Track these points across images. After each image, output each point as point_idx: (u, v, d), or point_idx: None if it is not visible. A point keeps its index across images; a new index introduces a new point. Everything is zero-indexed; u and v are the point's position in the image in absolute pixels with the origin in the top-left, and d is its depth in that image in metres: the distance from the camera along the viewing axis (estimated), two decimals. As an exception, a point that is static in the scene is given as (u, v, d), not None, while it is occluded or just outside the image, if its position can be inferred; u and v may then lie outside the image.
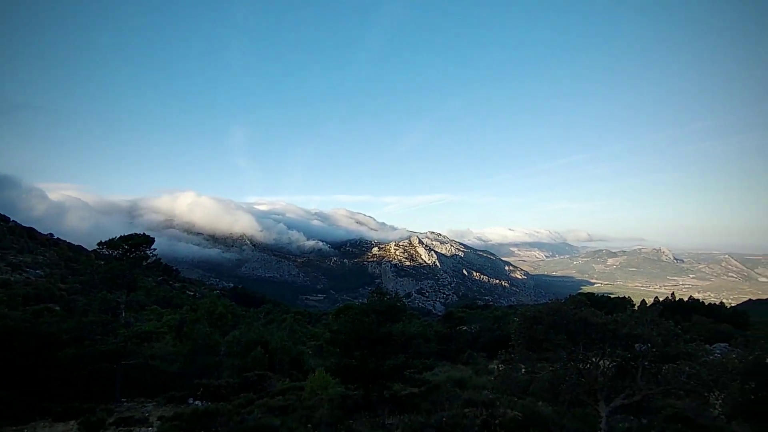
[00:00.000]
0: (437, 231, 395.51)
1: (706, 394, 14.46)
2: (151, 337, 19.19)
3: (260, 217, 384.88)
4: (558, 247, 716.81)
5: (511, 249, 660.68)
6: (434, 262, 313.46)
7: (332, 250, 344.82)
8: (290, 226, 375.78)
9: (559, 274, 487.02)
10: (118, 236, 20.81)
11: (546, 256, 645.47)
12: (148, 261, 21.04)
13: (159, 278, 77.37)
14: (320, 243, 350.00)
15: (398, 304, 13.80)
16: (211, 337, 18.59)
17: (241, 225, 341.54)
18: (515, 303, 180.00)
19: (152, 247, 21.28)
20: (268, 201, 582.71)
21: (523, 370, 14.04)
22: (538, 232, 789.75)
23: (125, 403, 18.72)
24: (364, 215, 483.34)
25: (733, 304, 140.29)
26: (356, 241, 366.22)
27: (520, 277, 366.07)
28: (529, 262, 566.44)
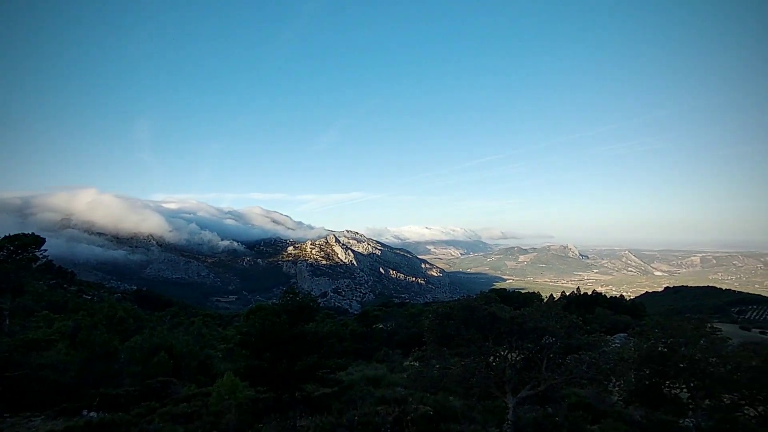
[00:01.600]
0: (354, 230, 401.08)
1: (605, 382, 15.80)
2: (40, 345, 17.75)
3: (170, 216, 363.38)
4: (473, 245, 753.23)
5: (428, 247, 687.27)
6: (351, 260, 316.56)
7: (246, 249, 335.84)
8: (203, 225, 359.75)
9: (473, 271, 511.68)
10: (2, 237, 19.05)
11: (461, 254, 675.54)
12: (38, 263, 19.45)
13: (51, 281, 71.27)
14: (235, 243, 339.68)
15: (311, 303, 13.79)
16: (109, 343, 17.47)
17: (149, 225, 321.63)
18: (431, 300, 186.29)
19: (43, 248, 19.68)
20: (177, 199, 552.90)
21: (437, 366, 14.57)
22: (454, 231, 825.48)
23: (8, 419, 17.19)
24: (281, 214, 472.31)
25: (632, 297, 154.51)
26: (271, 240, 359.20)
27: (436, 274, 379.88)
28: (445, 260, 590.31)
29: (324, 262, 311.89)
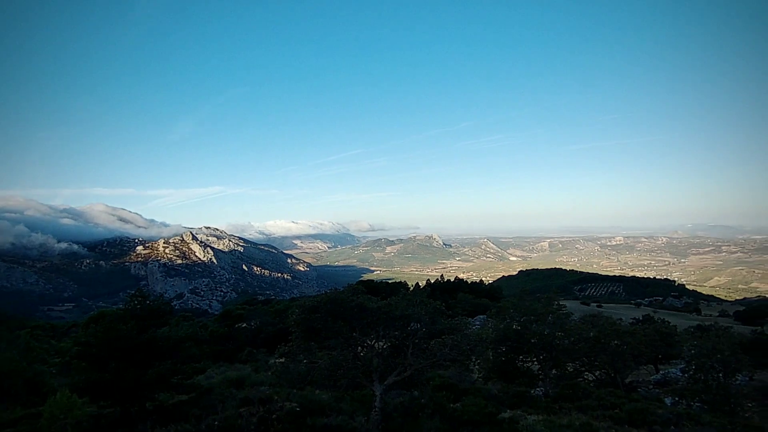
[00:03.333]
0: (215, 226, 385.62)
1: (466, 362, 17.17)
2: None
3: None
4: (341, 238, 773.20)
5: (294, 242, 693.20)
6: (210, 258, 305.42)
7: (86, 251, 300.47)
8: (33, 226, 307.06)
9: (341, 263, 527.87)
10: None
11: (329, 247, 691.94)
12: None
13: None
14: (75, 246, 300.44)
15: (163, 306, 12.96)
16: None
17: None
18: (298, 295, 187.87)
19: None
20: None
21: (305, 360, 14.63)
22: (321, 224, 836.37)
23: None
24: (129, 211, 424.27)
25: (490, 281, 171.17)
26: (116, 240, 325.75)
27: (303, 269, 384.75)
28: (312, 254, 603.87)
29: (180, 261, 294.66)
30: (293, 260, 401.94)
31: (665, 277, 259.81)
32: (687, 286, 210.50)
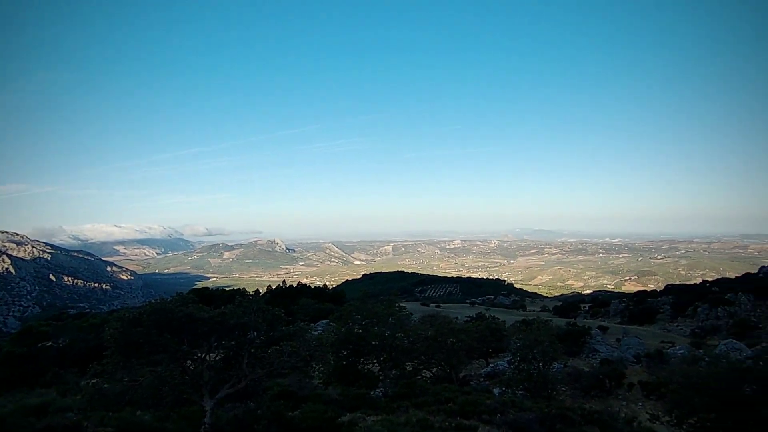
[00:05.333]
0: (14, 230, 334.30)
1: (306, 368, 17.40)
2: None
3: None
4: (172, 243, 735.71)
5: (117, 248, 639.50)
6: (6, 268, 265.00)
7: None
8: None
9: (172, 271, 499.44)
10: None
11: (158, 254, 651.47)
12: None
13: None
14: None
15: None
16: None
17: None
18: (119, 307, 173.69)
19: None
20: None
21: (125, 379, 13.56)
22: (150, 228, 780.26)
23: None
24: None
25: (334, 285, 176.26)
26: None
27: (126, 278, 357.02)
28: (138, 261, 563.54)
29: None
30: (115, 268, 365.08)
31: (497, 277, 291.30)
32: (515, 285, 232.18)
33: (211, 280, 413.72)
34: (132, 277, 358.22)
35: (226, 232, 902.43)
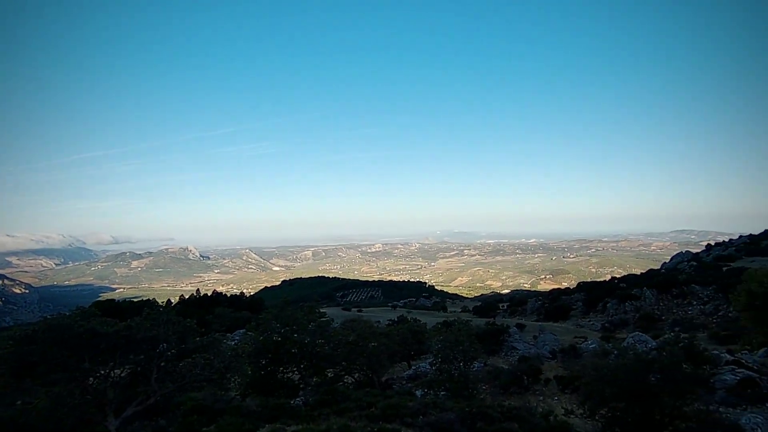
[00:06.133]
0: None
1: (222, 380, 17.06)
2: None
3: None
4: (73, 253, 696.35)
5: (9, 259, 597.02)
6: None
7: None
8: None
9: (74, 282, 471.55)
10: None
11: (56, 264, 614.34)
12: None
13: None
14: None
15: None
16: None
17: None
18: (11, 324, 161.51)
19: None
20: None
21: (18, 402, 12.78)
22: (48, 237, 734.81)
23: None
24: None
25: (252, 293, 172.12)
26: None
27: (19, 291, 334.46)
28: (34, 273, 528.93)
29: None
30: (6, 281, 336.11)
31: (418, 279, 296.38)
32: (436, 287, 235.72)
33: (117, 291, 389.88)
34: (27, 291, 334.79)
35: (133, 240, 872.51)
